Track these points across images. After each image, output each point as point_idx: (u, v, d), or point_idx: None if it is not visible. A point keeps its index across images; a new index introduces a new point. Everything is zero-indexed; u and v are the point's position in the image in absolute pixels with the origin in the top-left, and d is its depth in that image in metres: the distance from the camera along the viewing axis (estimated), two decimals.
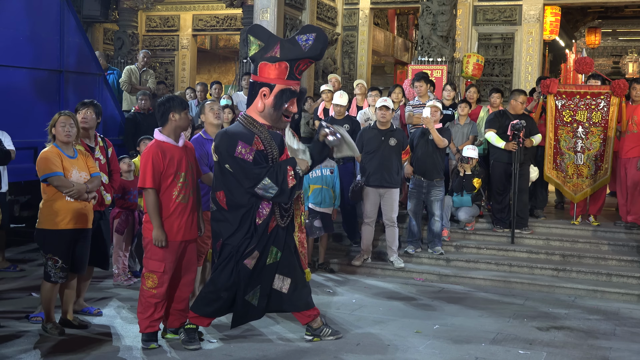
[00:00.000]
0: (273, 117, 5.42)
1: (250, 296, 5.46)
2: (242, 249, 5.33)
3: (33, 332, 5.68)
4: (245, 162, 5.22)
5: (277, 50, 5.36)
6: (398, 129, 8.55)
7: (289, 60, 5.36)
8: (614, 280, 7.94)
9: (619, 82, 9.20)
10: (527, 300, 7.40)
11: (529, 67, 13.76)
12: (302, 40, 5.36)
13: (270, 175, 5.22)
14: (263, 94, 5.38)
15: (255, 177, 5.21)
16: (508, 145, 8.78)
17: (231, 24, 16.50)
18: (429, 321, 6.43)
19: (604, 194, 9.50)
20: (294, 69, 5.40)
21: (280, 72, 5.37)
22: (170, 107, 5.41)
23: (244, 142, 5.24)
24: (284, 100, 5.39)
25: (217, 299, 5.41)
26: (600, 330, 6.31)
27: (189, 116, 5.59)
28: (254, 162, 5.23)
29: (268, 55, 5.38)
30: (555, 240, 8.90)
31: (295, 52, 5.36)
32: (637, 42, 26.37)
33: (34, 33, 8.47)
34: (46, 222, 5.58)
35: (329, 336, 5.70)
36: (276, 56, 5.35)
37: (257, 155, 5.26)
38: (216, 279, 5.42)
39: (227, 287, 5.37)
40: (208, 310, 5.44)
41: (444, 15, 11.22)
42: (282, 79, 5.38)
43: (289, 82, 5.40)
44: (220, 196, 5.36)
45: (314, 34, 5.37)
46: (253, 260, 5.38)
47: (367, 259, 8.57)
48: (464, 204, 9.06)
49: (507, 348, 5.69)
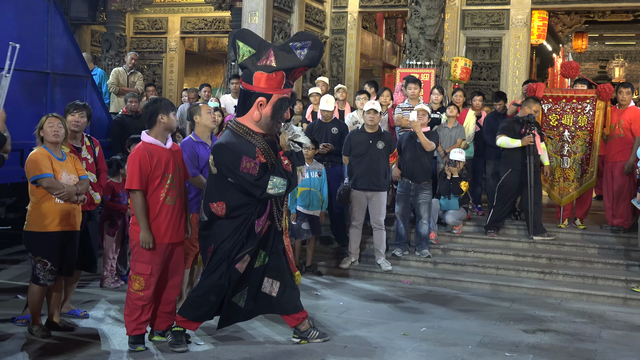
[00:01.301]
0: (269, 126, 5.40)
1: (237, 298, 5.47)
2: (234, 254, 5.33)
3: (19, 335, 5.66)
4: (252, 176, 5.20)
5: (271, 58, 5.29)
6: (386, 132, 8.59)
7: (286, 69, 5.34)
8: (600, 283, 8.00)
9: (605, 86, 9.29)
10: (513, 303, 7.44)
11: (516, 71, 13.81)
12: (296, 48, 5.30)
13: (274, 173, 5.22)
14: (260, 103, 5.33)
15: (263, 184, 5.20)
16: (524, 140, 8.67)
17: (219, 26, 16.48)
18: (416, 324, 6.45)
19: (590, 197, 9.57)
20: (290, 77, 5.39)
21: (278, 82, 5.33)
22: (159, 109, 5.41)
23: (248, 157, 5.21)
24: (284, 110, 5.39)
25: (205, 303, 5.40)
26: (586, 333, 6.36)
27: (177, 118, 5.59)
28: (258, 174, 5.23)
29: (262, 64, 5.31)
30: (541, 244, 8.95)
31: (292, 61, 5.31)
32: (623, 47, 26.55)
33: (21, 35, 8.41)
34: (35, 225, 5.55)
35: (317, 339, 5.71)
36: (272, 65, 5.28)
37: (261, 167, 5.25)
38: (205, 282, 5.41)
39: (217, 291, 5.38)
40: (196, 314, 5.44)
41: (432, 19, 11.27)
42: (279, 88, 5.36)
43: (284, 91, 5.39)
44: (219, 207, 5.30)
45: (309, 42, 5.32)
46: (244, 264, 5.39)
47: (354, 262, 8.59)
48: (451, 207, 9.10)
49: (494, 350, 5.72)
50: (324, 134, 9.03)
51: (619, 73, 25.90)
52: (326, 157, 8.94)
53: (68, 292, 6.28)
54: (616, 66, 26.24)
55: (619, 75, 25.61)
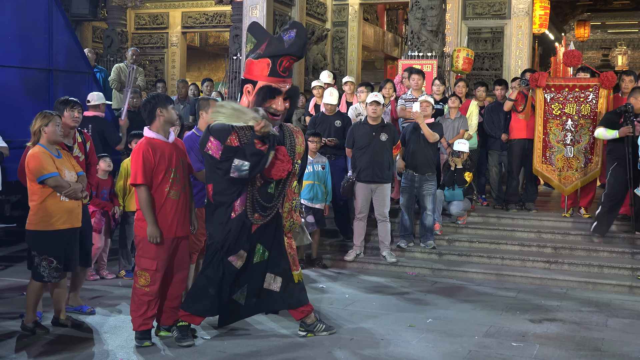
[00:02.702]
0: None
1: (237, 295, 5.49)
2: (226, 246, 5.35)
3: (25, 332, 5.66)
4: (212, 158, 5.24)
5: (263, 47, 5.37)
6: (389, 124, 8.57)
7: (271, 56, 5.35)
8: (605, 272, 7.98)
9: (607, 74, 9.23)
10: (519, 292, 7.44)
11: (518, 60, 13.77)
12: (285, 37, 5.36)
13: (237, 156, 5.19)
14: (247, 90, 5.42)
15: (226, 168, 5.21)
16: (622, 131, 8.22)
17: (220, 20, 16.46)
18: (421, 315, 6.45)
19: (595, 186, 9.54)
20: (277, 66, 5.37)
21: (262, 68, 5.36)
22: (157, 104, 5.42)
23: (215, 139, 5.24)
24: (262, 98, 5.36)
25: (205, 296, 5.42)
26: (592, 322, 6.35)
27: (176, 111, 5.60)
28: (221, 158, 5.21)
29: (255, 53, 5.40)
30: (547, 233, 8.94)
31: (277, 49, 5.35)
32: (626, 35, 26.46)
33: (23, 32, 8.44)
34: (40, 223, 5.52)
35: (323, 332, 5.71)
36: (260, 53, 5.37)
37: (227, 151, 5.21)
38: (203, 274, 5.47)
39: (214, 284, 5.39)
40: (197, 307, 5.45)
41: (434, 10, 11.22)
42: (264, 75, 5.37)
43: (270, 79, 5.37)
44: (210, 190, 5.44)
45: (294, 30, 5.37)
46: (239, 260, 5.40)
47: (359, 254, 8.59)
48: (455, 198, 9.08)
49: (500, 341, 5.71)
50: (327, 127, 9.02)
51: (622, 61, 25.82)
52: (329, 150, 8.93)
53: (77, 285, 6.34)
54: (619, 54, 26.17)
55: (622, 63, 25.53)
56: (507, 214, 9.59)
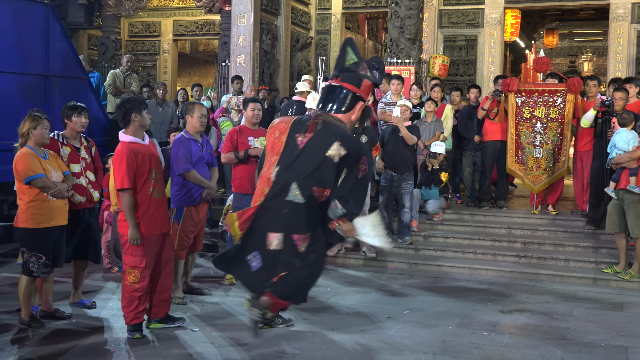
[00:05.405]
0: (351, 128, 5.12)
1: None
2: None
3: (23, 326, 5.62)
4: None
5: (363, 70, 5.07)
6: (369, 126, 8.55)
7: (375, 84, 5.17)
8: (571, 265, 8.04)
9: (574, 80, 9.31)
10: (491, 285, 7.47)
11: (491, 67, 13.85)
12: (373, 68, 5.12)
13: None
14: (360, 108, 5.00)
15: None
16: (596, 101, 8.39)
17: (210, 29, 16.42)
18: (399, 307, 6.47)
19: (562, 185, 9.61)
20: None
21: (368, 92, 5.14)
22: (131, 108, 5.31)
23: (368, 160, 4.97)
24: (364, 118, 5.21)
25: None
26: (559, 312, 6.40)
27: (149, 115, 5.48)
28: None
29: (364, 74, 5.05)
30: (516, 229, 8.99)
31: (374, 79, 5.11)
32: (591, 43, 26.64)
33: (21, 40, 8.37)
34: (30, 221, 5.49)
35: (281, 324, 5.70)
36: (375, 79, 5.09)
37: None
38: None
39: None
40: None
41: (411, 19, 11.26)
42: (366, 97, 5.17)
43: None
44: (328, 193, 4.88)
45: (382, 66, 5.20)
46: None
47: (341, 250, 8.59)
48: (431, 197, 9.11)
49: (473, 330, 5.74)
50: None
51: (588, 67, 26.01)
52: None
53: (78, 283, 6.31)
54: (585, 61, 26.35)
55: (588, 69, 25.71)
56: (480, 211, 9.64)
